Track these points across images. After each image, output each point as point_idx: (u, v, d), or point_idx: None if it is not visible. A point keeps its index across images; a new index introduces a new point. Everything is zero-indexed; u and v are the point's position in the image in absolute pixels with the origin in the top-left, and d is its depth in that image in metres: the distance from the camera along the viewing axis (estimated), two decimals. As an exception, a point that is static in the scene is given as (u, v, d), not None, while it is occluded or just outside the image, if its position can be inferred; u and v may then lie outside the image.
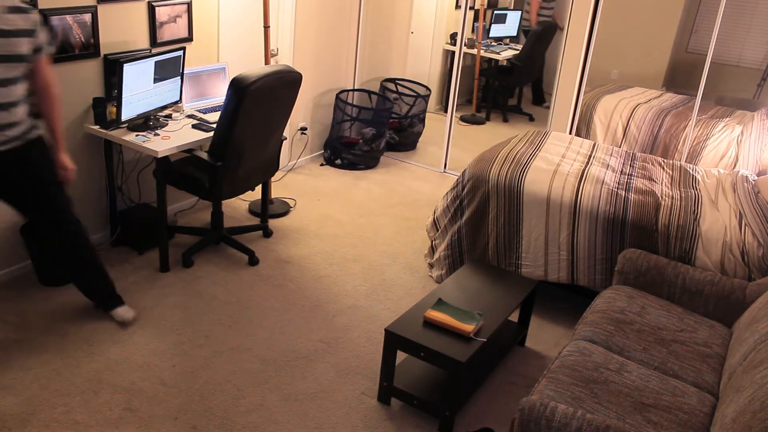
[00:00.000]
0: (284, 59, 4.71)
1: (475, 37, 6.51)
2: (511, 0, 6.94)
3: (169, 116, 3.70)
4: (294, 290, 3.51)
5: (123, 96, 3.27)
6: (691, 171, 3.82)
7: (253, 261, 3.72)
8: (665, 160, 3.96)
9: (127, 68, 3.23)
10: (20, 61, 2.56)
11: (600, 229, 3.25)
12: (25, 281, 3.34)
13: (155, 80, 3.48)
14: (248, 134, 3.33)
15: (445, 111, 5.40)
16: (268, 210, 4.15)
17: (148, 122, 3.49)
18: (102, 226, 3.75)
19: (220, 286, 3.48)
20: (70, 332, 3.00)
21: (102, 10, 3.39)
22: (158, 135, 3.42)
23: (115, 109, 3.37)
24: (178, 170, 3.49)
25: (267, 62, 4.23)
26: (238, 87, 3.13)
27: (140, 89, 3.39)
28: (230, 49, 4.29)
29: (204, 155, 3.34)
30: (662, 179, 3.65)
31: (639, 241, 3.18)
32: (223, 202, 4.25)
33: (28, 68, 2.65)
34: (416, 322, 2.69)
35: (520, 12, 6.81)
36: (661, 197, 3.37)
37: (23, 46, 2.55)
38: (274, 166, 3.80)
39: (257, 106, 3.25)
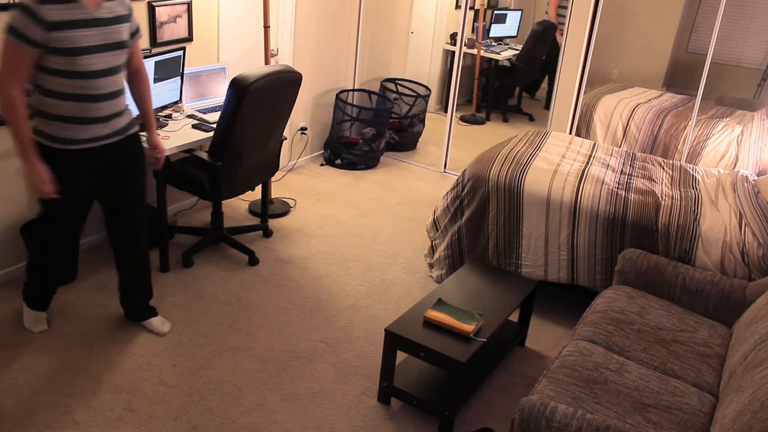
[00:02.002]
0: (284, 59, 4.71)
1: (475, 37, 6.51)
2: (511, 0, 6.95)
3: (169, 116, 3.70)
4: (294, 290, 3.51)
5: (123, 96, 3.27)
6: (691, 171, 3.82)
7: (253, 261, 3.72)
8: (665, 160, 3.96)
9: (127, 68, 3.23)
10: (124, 47, 2.54)
11: (600, 229, 3.24)
12: (25, 281, 3.34)
13: (155, 80, 3.48)
14: (248, 134, 3.33)
15: (445, 111, 5.40)
16: (268, 210, 4.14)
17: (148, 122, 3.49)
18: (102, 226, 3.75)
19: (220, 286, 3.48)
20: (70, 332, 3.00)
21: (102, 10, 3.38)
22: (158, 135, 3.41)
23: (115, 109, 3.37)
24: (178, 170, 3.49)
25: (267, 62, 4.23)
26: (238, 87, 3.12)
27: (140, 89, 3.39)
28: (230, 49, 4.29)
29: (204, 155, 3.34)
30: (662, 179, 3.65)
31: (639, 241, 3.18)
32: (223, 202, 4.25)
33: (128, 54, 2.64)
34: (416, 322, 2.69)
35: (520, 12, 6.81)
36: (661, 197, 3.37)
37: (124, 32, 2.54)
38: (275, 166, 3.80)
39: (257, 106, 3.24)
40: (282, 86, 3.36)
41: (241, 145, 3.32)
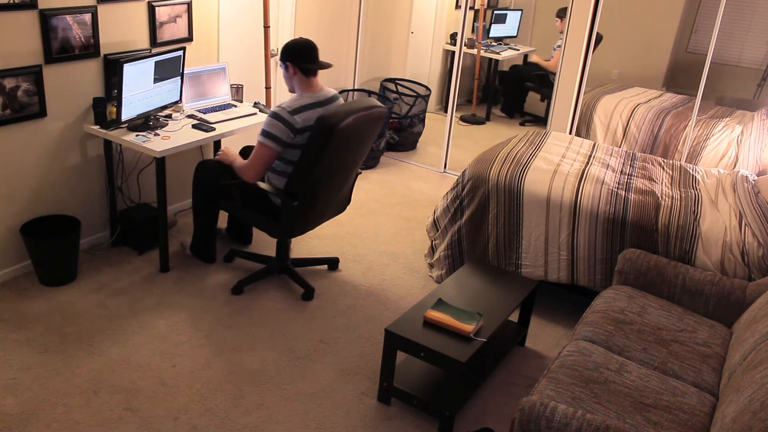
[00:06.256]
0: (284, 59, 4.71)
1: (475, 37, 6.51)
2: (511, 0, 6.95)
3: (169, 116, 3.70)
4: (294, 290, 3.51)
5: (123, 96, 3.27)
6: (691, 171, 3.82)
7: (308, 296, 3.62)
8: (665, 160, 3.96)
9: (127, 68, 3.23)
10: None
11: (600, 229, 3.24)
12: (25, 281, 3.34)
13: (155, 80, 3.48)
14: (328, 174, 3.11)
15: (445, 111, 5.40)
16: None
17: (148, 122, 3.49)
18: (102, 226, 3.76)
19: (219, 286, 3.48)
20: (70, 332, 3.00)
21: (102, 10, 3.39)
22: (158, 135, 3.42)
23: (115, 109, 3.37)
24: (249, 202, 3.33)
25: (267, 62, 4.24)
26: (325, 126, 2.87)
27: (140, 89, 3.39)
28: (230, 49, 4.29)
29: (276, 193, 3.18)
30: (662, 179, 3.65)
31: (639, 241, 3.18)
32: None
33: None
34: (416, 322, 2.69)
35: (520, 12, 6.80)
36: (661, 197, 3.37)
37: None
38: (347, 201, 3.57)
39: (342, 145, 3.01)
40: (369, 122, 3.11)
41: (319, 185, 3.10)
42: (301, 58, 3.11)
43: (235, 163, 3.28)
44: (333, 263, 3.78)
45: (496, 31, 6.72)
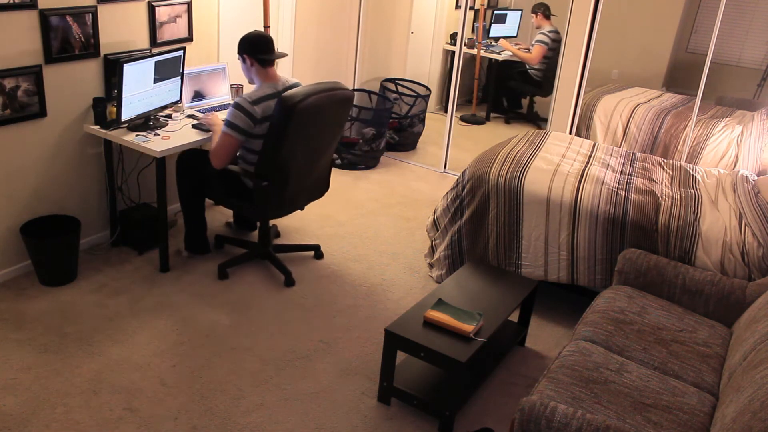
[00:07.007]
0: (284, 59, 4.71)
1: (475, 37, 6.51)
2: (511, 0, 6.95)
3: (169, 116, 3.70)
4: (294, 290, 3.51)
5: (123, 96, 3.27)
6: (691, 171, 3.82)
7: (290, 282, 3.70)
8: (665, 160, 3.96)
9: (127, 68, 3.23)
10: None
11: (600, 229, 3.24)
12: (25, 281, 3.34)
13: (155, 80, 3.48)
14: (296, 154, 3.19)
15: (445, 111, 5.40)
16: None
17: (148, 122, 3.49)
18: (102, 226, 3.76)
19: (220, 285, 3.48)
20: (70, 332, 3.00)
21: (102, 10, 3.39)
22: (158, 135, 3.42)
23: (115, 109, 3.37)
24: (222, 185, 3.42)
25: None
26: (285, 105, 2.98)
27: (140, 89, 3.39)
28: (230, 49, 4.29)
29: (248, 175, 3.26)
30: (662, 179, 3.65)
31: (639, 241, 3.18)
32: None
33: None
34: (416, 322, 2.69)
35: (520, 12, 6.80)
36: (661, 197, 3.37)
37: None
38: (324, 187, 3.65)
39: (305, 125, 3.10)
40: (332, 104, 3.21)
41: (288, 165, 3.19)
42: (256, 49, 3.23)
43: (212, 138, 3.36)
44: (316, 250, 3.85)
45: (496, 31, 6.72)
